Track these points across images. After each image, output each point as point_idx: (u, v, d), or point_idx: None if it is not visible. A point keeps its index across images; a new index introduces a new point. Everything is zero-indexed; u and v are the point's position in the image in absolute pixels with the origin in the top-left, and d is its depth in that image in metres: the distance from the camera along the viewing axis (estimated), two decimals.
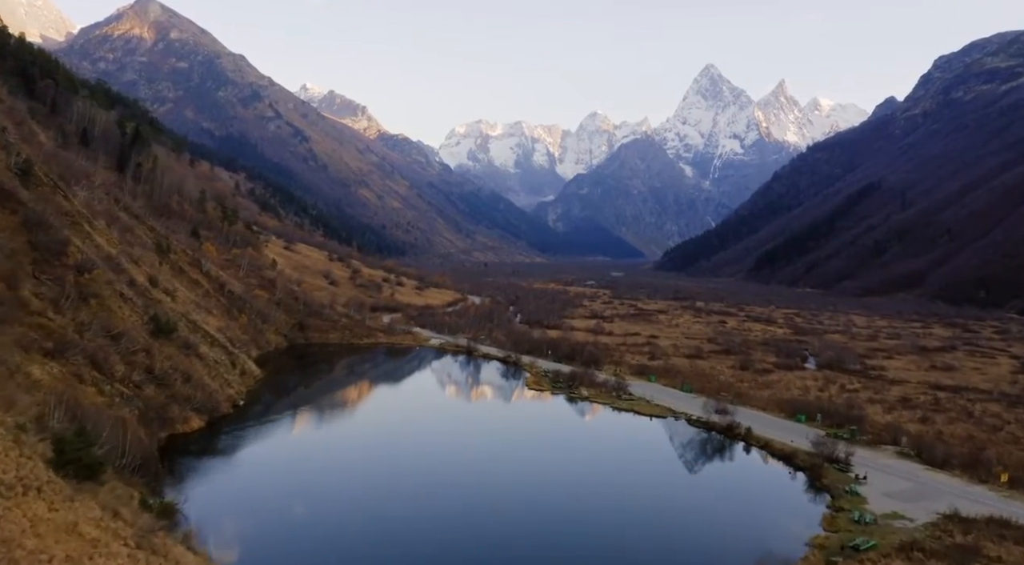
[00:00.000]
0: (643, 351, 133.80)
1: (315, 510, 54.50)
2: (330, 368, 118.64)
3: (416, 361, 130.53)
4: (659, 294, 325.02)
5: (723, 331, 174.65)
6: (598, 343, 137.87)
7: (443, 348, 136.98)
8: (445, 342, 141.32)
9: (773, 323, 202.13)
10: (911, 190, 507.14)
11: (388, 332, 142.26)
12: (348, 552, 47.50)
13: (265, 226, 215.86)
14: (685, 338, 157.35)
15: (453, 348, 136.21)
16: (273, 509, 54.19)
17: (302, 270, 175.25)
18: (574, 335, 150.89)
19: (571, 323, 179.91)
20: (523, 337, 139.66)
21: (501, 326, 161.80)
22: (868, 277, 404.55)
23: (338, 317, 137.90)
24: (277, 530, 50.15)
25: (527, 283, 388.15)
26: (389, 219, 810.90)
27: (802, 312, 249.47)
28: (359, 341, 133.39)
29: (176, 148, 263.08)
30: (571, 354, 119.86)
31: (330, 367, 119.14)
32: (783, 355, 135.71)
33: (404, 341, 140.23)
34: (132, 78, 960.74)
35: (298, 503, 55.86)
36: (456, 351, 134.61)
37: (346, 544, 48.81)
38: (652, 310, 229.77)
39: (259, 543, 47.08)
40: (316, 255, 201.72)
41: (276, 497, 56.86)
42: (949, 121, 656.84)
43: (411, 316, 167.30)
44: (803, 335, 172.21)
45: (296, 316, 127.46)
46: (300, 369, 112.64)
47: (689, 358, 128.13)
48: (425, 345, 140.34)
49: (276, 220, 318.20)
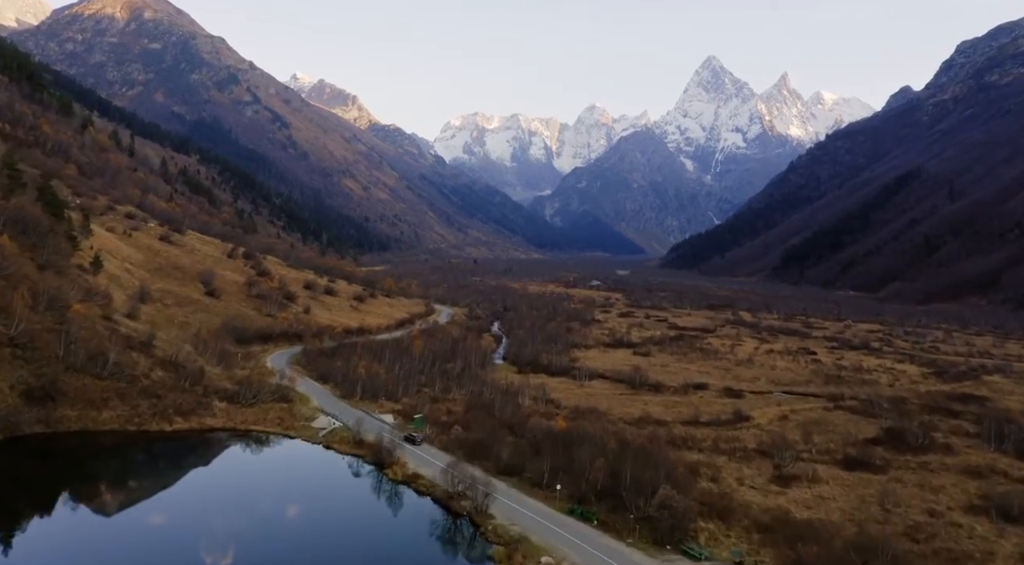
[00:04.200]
0: (741, 445, 68.20)
1: None
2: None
3: (243, 499, 59.25)
4: (686, 300, 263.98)
5: (827, 373, 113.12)
6: (650, 429, 72.15)
7: (334, 445, 68.60)
8: (339, 429, 71.69)
9: (881, 354, 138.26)
10: (958, 179, 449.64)
11: (240, 399, 73.52)
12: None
13: (154, 208, 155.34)
14: (781, 390, 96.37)
15: (351, 447, 67.15)
16: None
17: (168, 272, 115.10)
18: (596, 398, 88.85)
19: (586, 359, 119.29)
20: (501, 416, 74.74)
21: (467, 378, 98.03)
22: (924, 279, 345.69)
23: (144, 371, 71.66)
24: None
25: (521, 284, 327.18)
26: (374, 211, 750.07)
27: (887, 328, 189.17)
28: (165, 425, 65.61)
29: (62, 107, 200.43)
30: (615, 475, 51.70)
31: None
32: None
33: (260, 424, 70.70)
34: (100, 60, 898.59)
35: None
36: (359, 454, 65.58)
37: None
38: (693, 329, 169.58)
39: None
40: (208, 249, 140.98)
41: None
42: (986, 106, 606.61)
43: (320, 352, 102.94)
44: (955, 382, 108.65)
45: (45, 371, 63.68)
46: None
47: (848, 469, 62.93)
48: (300, 434, 71.14)
49: (211, 206, 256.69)
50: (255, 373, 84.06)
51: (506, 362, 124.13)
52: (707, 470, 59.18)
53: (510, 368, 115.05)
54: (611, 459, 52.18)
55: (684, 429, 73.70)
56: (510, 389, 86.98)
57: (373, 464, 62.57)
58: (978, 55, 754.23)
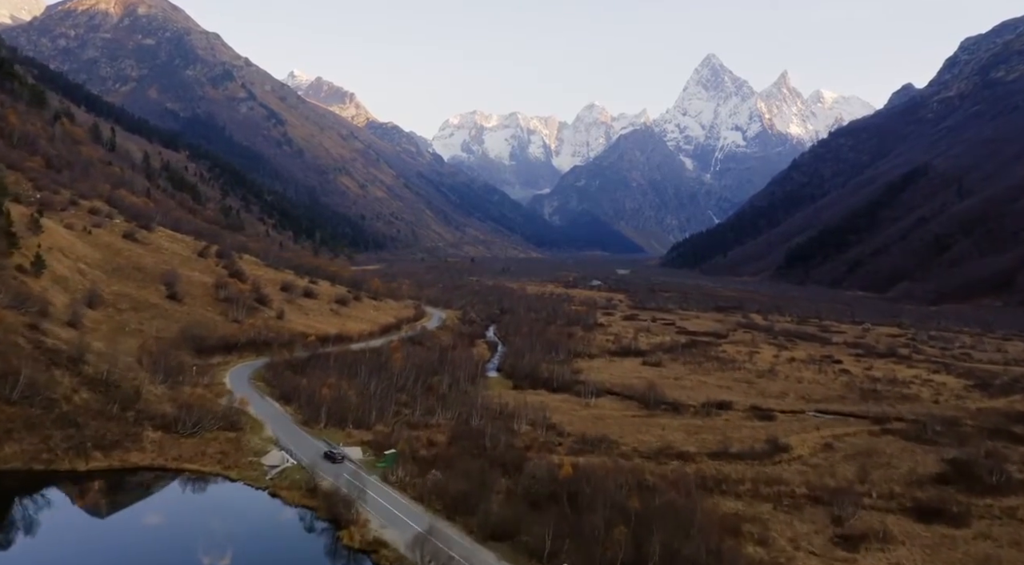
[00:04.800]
0: (787, 488, 55.50)
1: None
2: None
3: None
4: (691, 301, 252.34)
5: (860, 386, 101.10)
6: (674, 466, 60.82)
7: (283, 491, 54.84)
8: (292, 469, 58.16)
9: (912, 362, 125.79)
10: (967, 176, 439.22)
11: (178, 427, 60.55)
12: None
13: (124, 203, 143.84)
14: (815, 409, 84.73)
15: (302, 496, 53.94)
16: None
17: (127, 273, 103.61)
18: (606, 421, 77.01)
19: (591, 370, 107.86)
20: (493, 450, 61.42)
21: (454, 396, 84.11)
22: (934, 279, 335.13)
23: (66, 393, 58.54)
24: None
25: (519, 284, 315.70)
26: (370, 209, 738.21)
27: (907, 332, 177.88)
28: (80, 463, 52.59)
29: (34, 98, 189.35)
30: (639, 544, 38.92)
31: None
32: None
33: (197, 461, 57.40)
34: (93, 55, 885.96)
35: None
36: (311, 506, 52.47)
37: None
38: (704, 333, 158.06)
39: None
40: (177, 248, 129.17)
41: None
42: (993, 102, 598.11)
43: (288, 365, 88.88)
44: (1002, 396, 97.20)
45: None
46: None
47: (922, 520, 51.03)
48: (244, 474, 57.45)
49: (194, 202, 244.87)
50: (205, 393, 71.88)
51: (501, 374, 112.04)
52: (751, 526, 47.40)
53: (505, 382, 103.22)
54: (633, 523, 40.43)
55: (714, 464, 62.10)
56: (504, 411, 75.41)
57: (328, 520, 48.80)
58: (983, 51, 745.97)
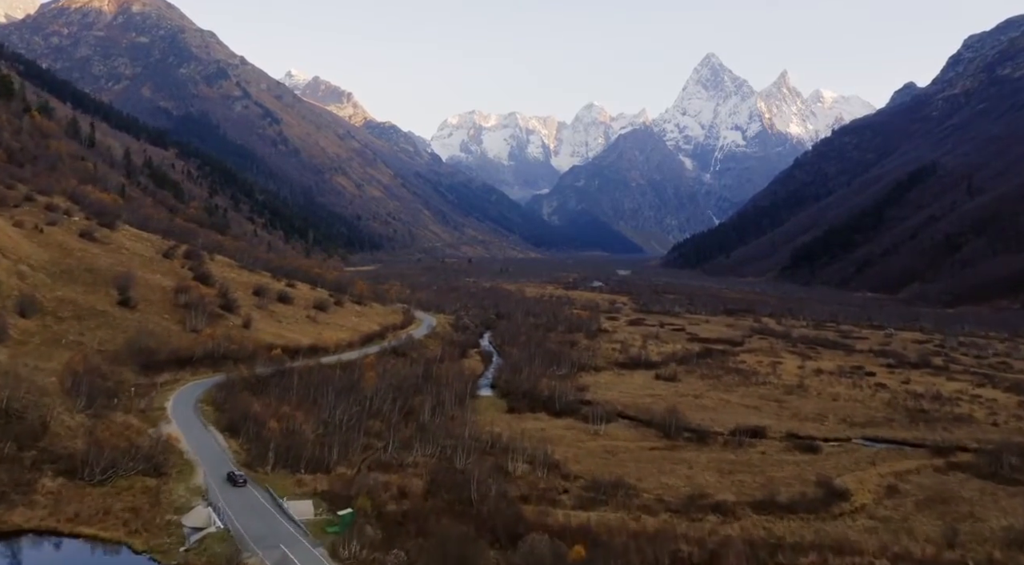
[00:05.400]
0: (864, 560, 40.67)
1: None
2: None
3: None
4: (698, 303, 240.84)
5: (905, 405, 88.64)
6: (710, 526, 47.34)
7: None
8: (216, 535, 41.70)
9: (951, 374, 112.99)
10: (977, 174, 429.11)
11: (87, 472, 46.31)
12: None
13: (88, 199, 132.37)
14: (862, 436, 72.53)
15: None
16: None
17: (76, 276, 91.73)
18: (619, 457, 63.23)
19: (597, 387, 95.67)
20: (480, 505, 46.41)
21: (438, 423, 69.26)
22: (947, 279, 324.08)
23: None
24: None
25: (517, 286, 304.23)
26: (367, 209, 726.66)
27: (932, 337, 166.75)
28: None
29: (2, 89, 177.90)
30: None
31: None
32: None
33: (98, 522, 41.92)
34: (86, 54, 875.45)
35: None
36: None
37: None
38: (718, 341, 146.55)
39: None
40: (140, 247, 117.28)
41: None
42: (999, 100, 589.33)
43: (246, 384, 73.74)
44: None
45: None
46: None
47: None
48: (153, 544, 41.06)
49: (176, 200, 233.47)
50: (136, 422, 58.42)
51: (495, 392, 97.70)
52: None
53: (499, 404, 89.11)
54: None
55: (761, 520, 48.72)
56: (496, 444, 62.16)
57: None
58: (987, 49, 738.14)
